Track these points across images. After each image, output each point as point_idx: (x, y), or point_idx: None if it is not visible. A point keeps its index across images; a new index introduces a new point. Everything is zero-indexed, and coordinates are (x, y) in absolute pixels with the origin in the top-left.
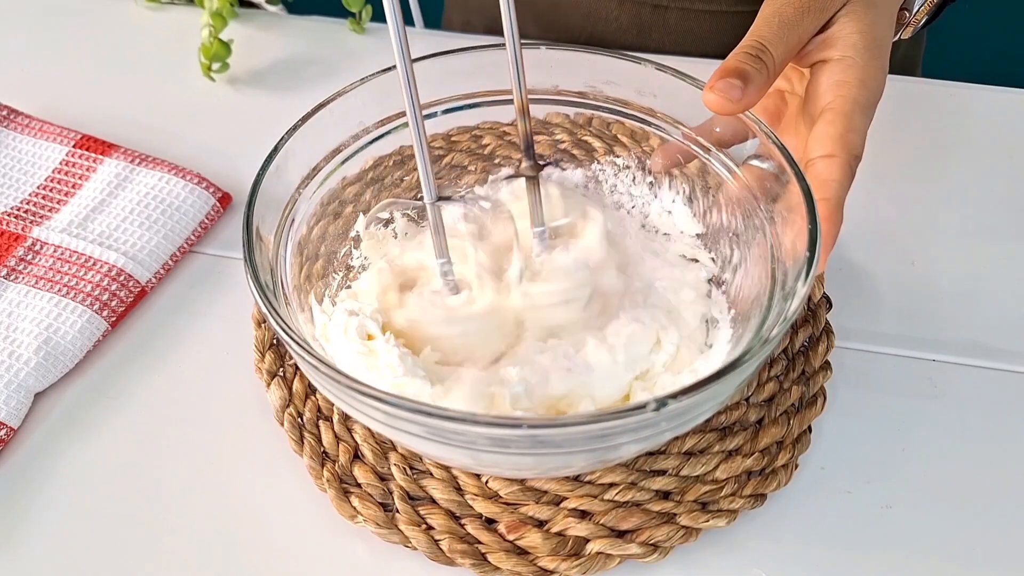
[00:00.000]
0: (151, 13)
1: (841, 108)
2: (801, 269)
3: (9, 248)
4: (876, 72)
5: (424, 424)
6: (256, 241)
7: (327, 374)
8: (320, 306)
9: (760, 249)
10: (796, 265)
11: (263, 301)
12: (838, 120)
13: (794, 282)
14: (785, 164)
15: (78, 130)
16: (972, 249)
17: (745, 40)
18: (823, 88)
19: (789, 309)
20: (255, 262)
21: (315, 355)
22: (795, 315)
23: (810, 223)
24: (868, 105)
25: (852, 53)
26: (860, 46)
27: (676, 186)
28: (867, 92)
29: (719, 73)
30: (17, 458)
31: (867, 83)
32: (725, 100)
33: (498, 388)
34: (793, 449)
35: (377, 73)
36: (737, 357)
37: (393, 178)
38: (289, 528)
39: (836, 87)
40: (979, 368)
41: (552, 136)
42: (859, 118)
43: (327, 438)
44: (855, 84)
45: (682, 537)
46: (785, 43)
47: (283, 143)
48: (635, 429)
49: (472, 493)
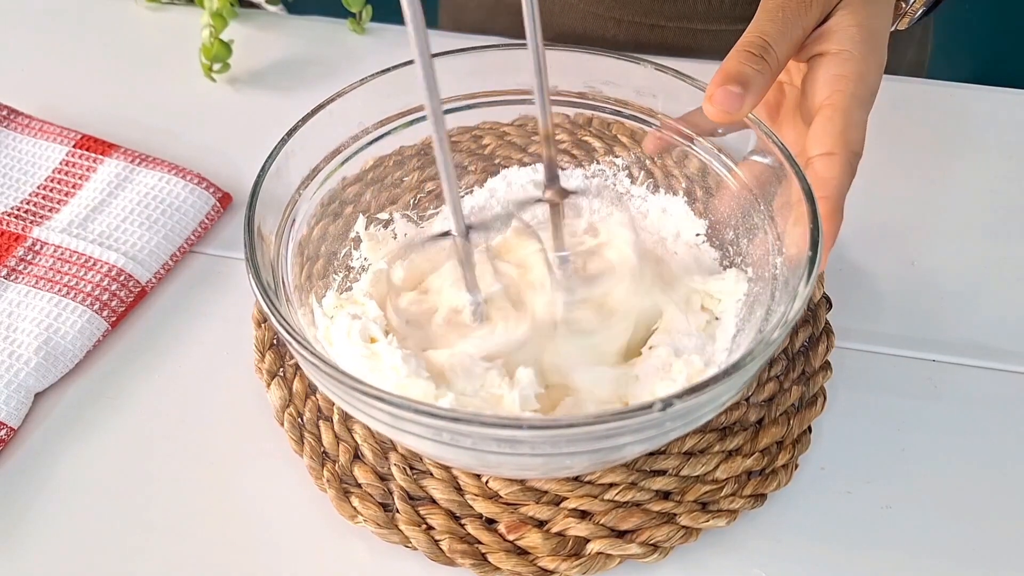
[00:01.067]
0: (151, 13)
1: (839, 104)
2: (803, 269)
3: (9, 248)
4: (873, 66)
5: (426, 424)
6: (257, 241)
7: (328, 373)
8: (321, 307)
9: (761, 249)
10: (798, 265)
11: (264, 300)
12: (837, 117)
13: (796, 282)
14: (784, 162)
15: (78, 130)
16: (972, 249)
17: (747, 36)
18: (820, 83)
19: (791, 310)
20: (256, 262)
21: (316, 354)
22: (797, 316)
23: (811, 223)
24: (866, 99)
25: (850, 47)
26: (858, 39)
27: (676, 186)
28: (864, 86)
29: (719, 78)
30: (17, 458)
31: (865, 77)
32: (723, 111)
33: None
34: (793, 449)
35: (377, 74)
36: (740, 358)
37: (393, 178)
38: (289, 528)
39: (833, 81)
40: (979, 368)
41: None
42: (858, 113)
43: (327, 438)
44: (853, 79)
45: (682, 537)
46: (789, 39)
47: (283, 143)
48: (639, 429)
49: (472, 493)
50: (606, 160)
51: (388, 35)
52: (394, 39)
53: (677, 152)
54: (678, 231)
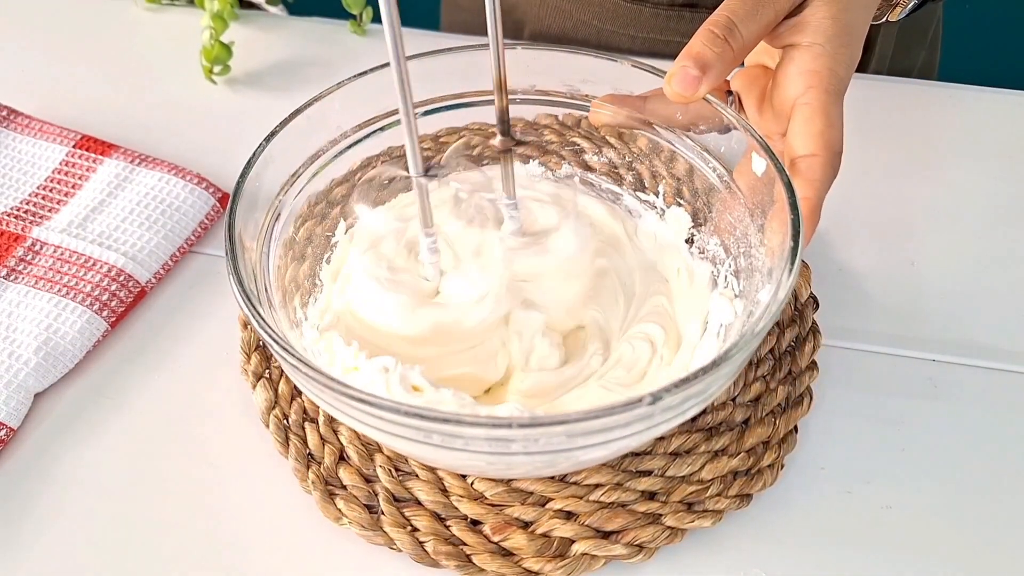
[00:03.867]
0: (151, 15)
1: (816, 103)
2: (786, 260)
3: (9, 248)
4: (845, 59)
5: (410, 425)
6: (239, 244)
7: (310, 375)
8: (306, 316)
9: (744, 241)
10: (781, 256)
11: (245, 303)
12: (816, 118)
13: (779, 273)
14: (764, 154)
15: (78, 130)
16: (972, 249)
17: (715, 14)
18: (792, 76)
19: (776, 300)
20: (238, 266)
21: (297, 355)
22: (782, 305)
23: (792, 213)
24: (840, 93)
25: (822, 40)
26: (830, 33)
27: (663, 186)
28: (837, 80)
29: (681, 56)
30: (17, 458)
31: (836, 71)
32: (681, 92)
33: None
34: (779, 449)
35: (353, 77)
36: (727, 349)
37: (381, 179)
38: (274, 530)
39: (806, 77)
40: (979, 368)
41: (541, 137)
42: (834, 110)
43: (312, 440)
44: (825, 74)
45: (667, 538)
46: (758, 20)
47: (263, 148)
48: (628, 424)
49: (457, 494)
50: (594, 161)
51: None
52: None
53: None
54: (667, 228)
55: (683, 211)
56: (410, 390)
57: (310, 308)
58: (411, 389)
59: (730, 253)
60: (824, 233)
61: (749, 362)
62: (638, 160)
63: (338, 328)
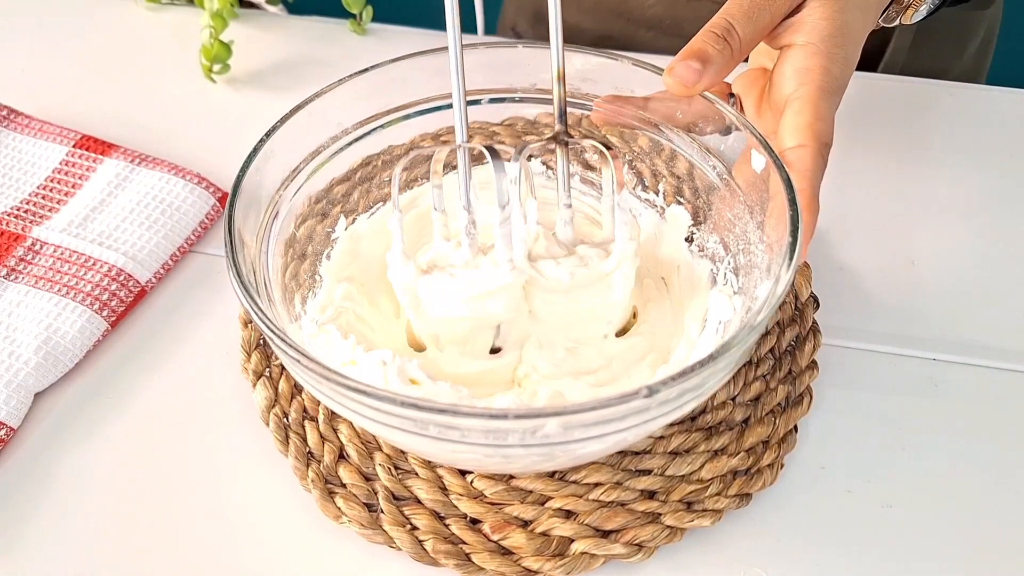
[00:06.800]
0: (151, 14)
1: (807, 96)
2: (784, 254)
3: (9, 248)
4: (840, 59)
5: (407, 417)
6: (238, 239)
7: (308, 367)
8: (305, 311)
9: (743, 238)
10: (780, 251)
11: (245, 296)
12: (805, 109)
13: (778, 268)
14: (763, 151)
15: (78, 130)
16: (972, 249)
17: (714, 19)
18: (787, 75)
19: (775, 294)
20: (237, 259)
21: (294, 346)
22: (780, 299)
23: (791, 208)
24: (833, 92)
25: (816, 40)
26: (826, 33)
27: (664, 185)
28: (831, 79)
29: (682, 54)
30: (17, 458)
31: (830, 70)
32: (681, 84)
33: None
34: (779, 448)
35: (355, 74)
36: (725, 342)
37: (381, 178)
38: (274, 528)
39: (799, 75)
40: (979, 368)
41: (542, 136)
42: (825, 106)
43: (312, 438)
44: (819, 71)
45: (667, 537)
46: (755, 23)
47: (263, 143)
48: (624, 416)
49: (457, 493)
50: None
51: (389, 36)
52: (394, 40)
53: (665, 153)
54: (668, 225)
55: (683, 209)
56: (407, 383)
57: (309, 303)
58: (408, 382)
59: (729, 250)
60: (824, 233)
61: (749, 361)
62: (639, 159)
63: (338, 322)
